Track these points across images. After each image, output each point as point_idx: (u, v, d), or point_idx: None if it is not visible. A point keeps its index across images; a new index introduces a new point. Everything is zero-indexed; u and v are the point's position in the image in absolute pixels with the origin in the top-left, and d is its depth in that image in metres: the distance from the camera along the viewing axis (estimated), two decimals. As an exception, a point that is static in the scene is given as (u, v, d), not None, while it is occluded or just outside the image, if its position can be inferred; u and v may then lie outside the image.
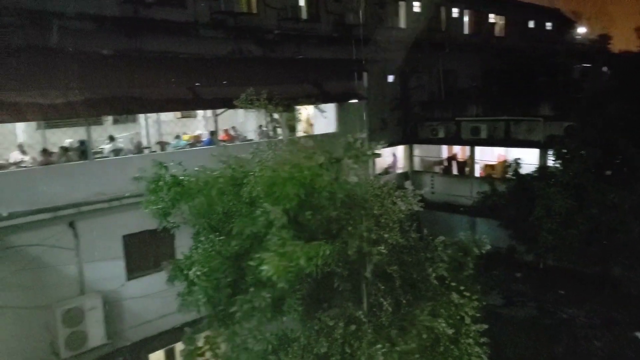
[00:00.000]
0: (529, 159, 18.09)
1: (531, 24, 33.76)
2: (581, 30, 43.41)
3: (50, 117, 11.83)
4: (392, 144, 21.81)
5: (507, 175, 17.16)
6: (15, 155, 13.43)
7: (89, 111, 12.20)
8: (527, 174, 16.41)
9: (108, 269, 12.33)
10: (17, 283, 10.74)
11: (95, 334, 11.75)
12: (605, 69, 34.14)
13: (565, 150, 14.61)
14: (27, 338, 11.17)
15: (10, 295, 10.61)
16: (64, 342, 11.25)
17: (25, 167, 12.76)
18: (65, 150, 13.14)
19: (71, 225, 11.80)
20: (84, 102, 12.18)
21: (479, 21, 28.84)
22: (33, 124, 14.55)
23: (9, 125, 13.67)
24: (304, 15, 18.94)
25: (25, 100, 11.48)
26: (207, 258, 7.56)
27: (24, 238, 11.13)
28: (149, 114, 16.15)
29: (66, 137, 14.17)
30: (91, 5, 13.63)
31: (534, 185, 14.88)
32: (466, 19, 28.10)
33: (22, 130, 14.91)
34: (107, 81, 13.13)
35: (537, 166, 17.78)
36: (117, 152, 14.22)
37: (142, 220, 10.76)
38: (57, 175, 11.82)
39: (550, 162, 16.71)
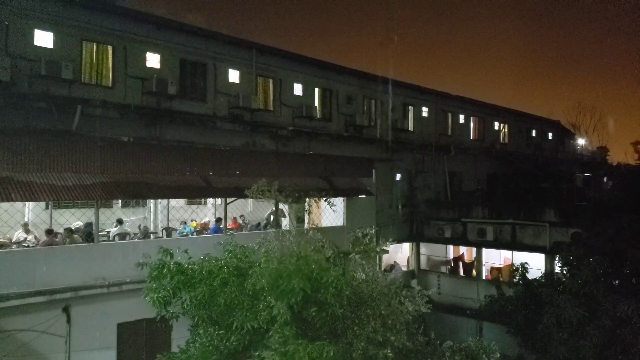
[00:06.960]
0: (535, 263, 17.84)
1: (533, 133, 35.05)
2: (581, 141, 45.01)
3: (62, 198, 11.92)
4: (399, 240, 21.78)
5: (515, 279, 16.82)
6: (18, 235, 13.38)
7: (100, 194, 12.34)
8: (535, 279, 16.05)
9: (98, 360, 11.78)
10: (0, 371, 10.24)
11: None
12: (605, 179, 34.86)
13: (572, 257, 14.38)
14: None
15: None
16: None
17: (27, 246, 12.66)
18: (70, 231, 13.09)
19: (65, 310, 11.43)
20: (96, 185, 12.39)
21: (484, 128, 29.97)
22: (42, 203, 14.69)
23: (18, 204, 13.77)
24: (317, 114, 19.73)
25: (39, 180, 11.69)
26: (204, 353, 7.23)
27: (15, 322, 10.74)
28: (159, 200, 16.34)
29: (74, 218, 14.20)
30: (116, 95, 14.31)
31: (542, 291, 14.49)
32: (472, 125, 29.23)
33: (30, 210, 15.02)
34: (122, 166, 13.49)
35: (543, 271, 17.48)
36: (122, 236, 14.15)
37: (139, 309, 10.51)
38: (59, 256, 11.65)
39: (557, 268, 16.44)
